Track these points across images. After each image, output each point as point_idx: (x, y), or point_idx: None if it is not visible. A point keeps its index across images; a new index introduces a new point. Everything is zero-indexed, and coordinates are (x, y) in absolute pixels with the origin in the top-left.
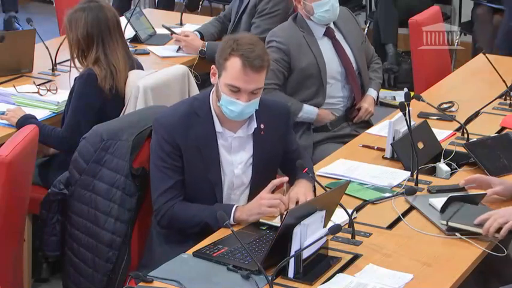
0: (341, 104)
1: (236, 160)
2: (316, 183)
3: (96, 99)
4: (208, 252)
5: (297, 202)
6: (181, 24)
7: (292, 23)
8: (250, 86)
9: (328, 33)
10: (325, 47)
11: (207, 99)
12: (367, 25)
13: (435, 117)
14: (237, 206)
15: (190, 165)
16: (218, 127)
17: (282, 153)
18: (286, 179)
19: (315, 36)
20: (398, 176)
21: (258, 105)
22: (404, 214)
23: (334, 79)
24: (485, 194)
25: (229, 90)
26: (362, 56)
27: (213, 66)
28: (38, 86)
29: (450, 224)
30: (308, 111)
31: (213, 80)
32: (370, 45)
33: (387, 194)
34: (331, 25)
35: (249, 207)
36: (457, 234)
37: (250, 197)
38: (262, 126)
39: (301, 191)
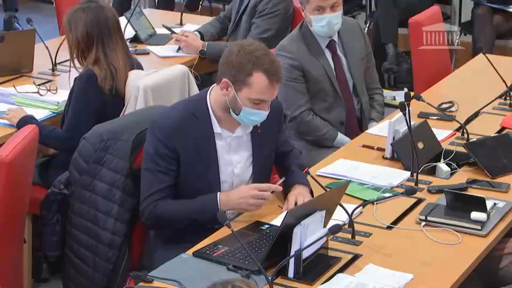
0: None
1: (236, 160)
2: (316, 183)
3: (96, 100)
4: (208, 252)
5: (296, 203)
6: (181, 24)
7: (299, 33)
8: (274, 96)
9: (330, 47)
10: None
11: (204, 100)
12: (367, 25)
13: (435, 117)
14: (220, 197)
15: (188, 167)
16: (216, 128)
17: (275, 148)
18: (279, 188)
19: (321, 46)
20: (398, 176)
21: None
22: (405, 214)
23: None
24: (483, 197)
25: (252, 103)
26: (359, 72)
27: (225, 80)
28: (38, 86)
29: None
30: (340, 141)
31: (225, 92)
32: (375, 72)
33: (387, 194)
34: (335, 37)
35: (235, 202)
36: (422, 223)
37: None
38: (258, 124)
39: (300, 193)
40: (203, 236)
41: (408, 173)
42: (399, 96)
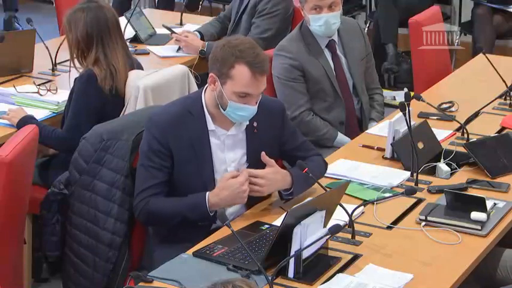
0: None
1: (229, 158)
2: (316, 183)
3: (96, 100)
4: (208, 252)
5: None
6: (181, 24)
7: (299, 33)
8: (260, 90)
9: (330, 47)
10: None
11: (199, 97)
12: (367, 25)
13: (435, 117)
14: (209, 197)
15: (182, 164)
16: (210, 125)
17: (278, 149)
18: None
19: (321, 46)
20: (398, 176)
21: None
22: (405, 214)
23: None
24: (483, 197)
25: (237, 97)
26: (359, 72)
27: (211, 74)
28: (38, 86)
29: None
30: (340, 141)
31: (212, 87)
32: (375, 72)
33: (387, 194)
34: (335, 37)
35: (228, 198)
36: (422, 223)
37: (248, 199)
38: (255, 124)
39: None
40: (203, 236)
41: (408, 173)
42: (399, 96)
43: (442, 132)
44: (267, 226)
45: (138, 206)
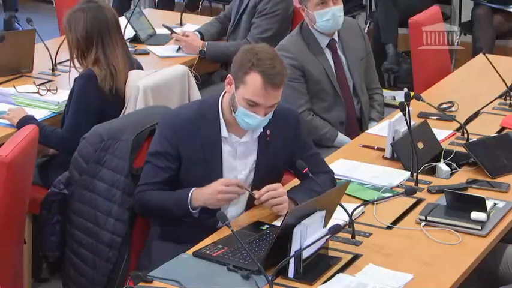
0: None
1: (241, 166)
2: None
3: (96, 100)
4: (208, 252)
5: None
6: (181, 24)
7: (299, 33)
8: (269, 102)
9: (331, 46)
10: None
11: (216, 102)
12: (367, 25)
13: (435, 117)
14: (193, 192)
15: (190, 167)
16: (224, 132)
17: (288, 159)
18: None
19: (321, 46)
20: (398, 176)
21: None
22: (405, 214)
23: None
24: (484, 197)
25: (247, 104)
26: (359, 72)
27: (229, 76)
28: (38, 86)
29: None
30: (340, 141)
31: (228, 89)
32: (375, 72)
33: (387, 194)
34: (335, 37)
35: (205, 197)
36: (422, 223)
37: (250, 201)
38: (268, 132)
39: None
40: (203, 236)
41: (408, 173)
42: (399, 96)
43: (442, 132)
44: (267, 226)
45: (136, 196)
